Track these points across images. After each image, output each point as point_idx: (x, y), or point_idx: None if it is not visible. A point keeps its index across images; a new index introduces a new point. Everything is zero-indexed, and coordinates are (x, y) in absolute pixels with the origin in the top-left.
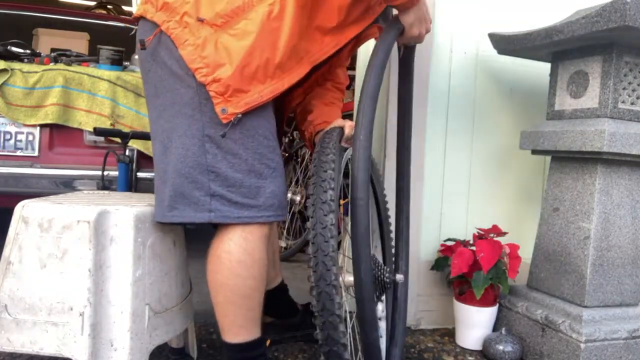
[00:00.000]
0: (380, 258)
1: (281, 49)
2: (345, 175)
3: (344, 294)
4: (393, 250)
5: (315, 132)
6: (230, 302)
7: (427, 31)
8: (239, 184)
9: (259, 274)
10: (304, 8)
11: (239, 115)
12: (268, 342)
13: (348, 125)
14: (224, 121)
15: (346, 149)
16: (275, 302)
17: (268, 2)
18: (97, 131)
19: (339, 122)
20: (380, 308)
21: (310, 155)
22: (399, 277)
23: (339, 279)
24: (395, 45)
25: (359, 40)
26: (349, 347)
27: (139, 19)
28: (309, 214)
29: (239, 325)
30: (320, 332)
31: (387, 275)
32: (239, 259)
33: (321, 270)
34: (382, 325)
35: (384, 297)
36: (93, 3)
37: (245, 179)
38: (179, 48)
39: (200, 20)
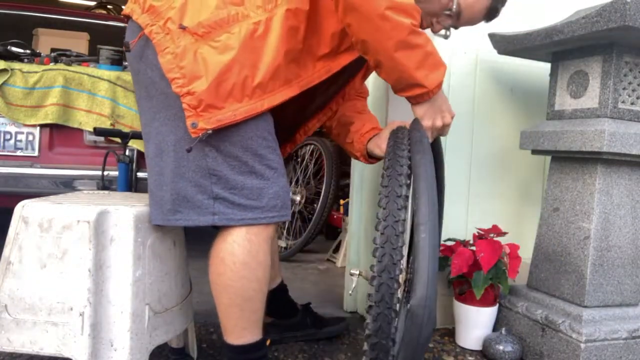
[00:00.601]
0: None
1: (262, 69)
2: None
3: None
4: None
5: (367, 140)
6: (233, 305)
7: (446, 123)
8: (241, 186)
9: (263, 276)
10: (294, 32)
11: (209, 132)
12: (268, 342)
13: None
14: (193, 135)
15: None
16: (275, 302)
17: (253, 20)
18: (97, 131)
19: (397, 122)
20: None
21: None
22: None
23: (401, 274)
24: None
25: (369, 67)
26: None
27: (128, 17)
28: (381, 204)
29: (241, 327)
30: (372, 322)
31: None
32: (243, 261)
33: (387, 262)
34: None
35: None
36: (93, 3)
37: (247, 181)
38: (158, 55)
39: (182, 28)
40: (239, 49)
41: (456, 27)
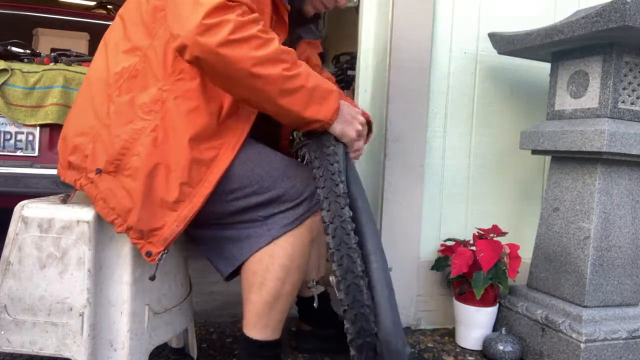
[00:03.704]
0: None
1: (179, 168)
2: None
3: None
4: None
5: None
6: (263, 302)
7: (362, 123)
8: (271, 199)
9: (298, 280)
10: (195, 113)
11: (165, 252)
12: None
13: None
14: (152, 263)
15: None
16: (316, 311)
17: (149, 129)
18: None
19: None
20: None
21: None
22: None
23: (364, 271)
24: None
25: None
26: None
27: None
28: (323, 206)
29: (264, 324)
30: (351, 325)
31: None
32: (281, 264)
33: (347, 263)
34: None
35: None
36: (93, 3)
37: (280, 188)
38: (93, 205)
39: (99, 172)
40: (146, 165)
41: None
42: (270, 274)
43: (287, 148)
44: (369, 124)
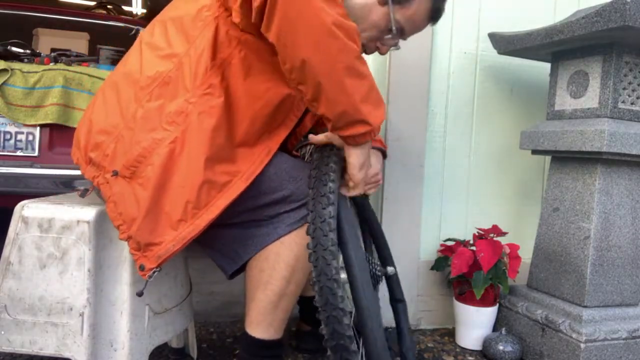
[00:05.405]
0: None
1: (189, 186)
2: None
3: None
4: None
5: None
6: (268, 301)
7: (372, 180)
8: (278, 199)
9: (302, 280)
10: (216, 132)
11: (158, 269)
12: None
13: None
14: (143, 277)
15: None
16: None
17: (168, 140)
18: None
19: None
20: None
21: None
22: (390, 269)
23: (339, 273)
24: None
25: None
26: (355, 340)
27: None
28: (308, 208)
29: (268, 323)
30: (325, 326)
31: (377, 268)
32: (287, 263)
33: (321, 265)
34: None
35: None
36: (93, 3)
37: (286, 189)
38: (105, 204)
39: (115, 174)
40: (158, 177)
41: (404, 39)
42: (276, 272)
43: (292, 148)
44: (383, 152)
